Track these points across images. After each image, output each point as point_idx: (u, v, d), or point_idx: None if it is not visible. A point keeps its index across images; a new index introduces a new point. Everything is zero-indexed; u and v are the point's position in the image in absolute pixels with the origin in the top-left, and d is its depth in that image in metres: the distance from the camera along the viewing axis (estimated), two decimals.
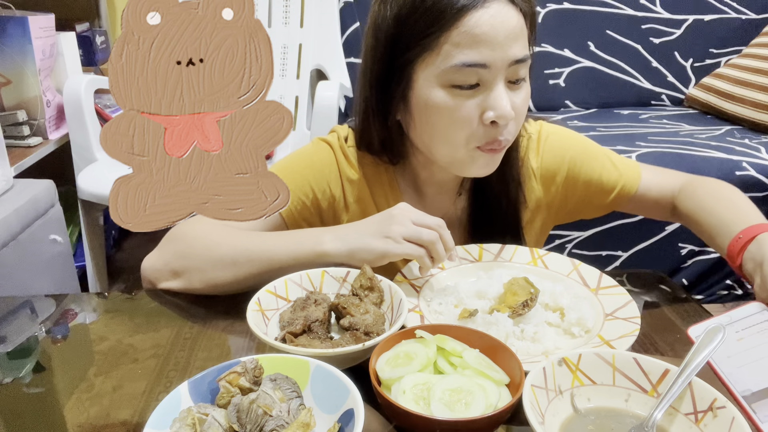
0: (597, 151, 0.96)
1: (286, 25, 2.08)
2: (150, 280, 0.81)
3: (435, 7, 0.73)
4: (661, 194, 0.93)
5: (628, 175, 0.94)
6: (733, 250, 0.73)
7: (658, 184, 0.94)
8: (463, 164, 0.82)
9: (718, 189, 0.88)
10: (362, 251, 0.74)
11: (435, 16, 0.73)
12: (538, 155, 0.94)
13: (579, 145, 0.96)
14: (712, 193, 0.87)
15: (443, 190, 0.93)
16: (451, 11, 0.72)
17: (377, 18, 0.79)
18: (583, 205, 0.97)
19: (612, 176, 0.94)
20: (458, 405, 0.53)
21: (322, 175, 0.89)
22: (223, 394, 0.52)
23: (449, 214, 0.94)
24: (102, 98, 1.97)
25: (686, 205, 0.88)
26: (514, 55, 0.74)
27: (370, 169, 0.90)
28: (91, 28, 2.23)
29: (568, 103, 2.37)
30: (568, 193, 0.95)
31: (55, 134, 1.82)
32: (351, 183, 0.90)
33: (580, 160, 0.94)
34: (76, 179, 1.75)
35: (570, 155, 0.94)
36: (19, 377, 0.65)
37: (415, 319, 0.70)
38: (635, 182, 0.94)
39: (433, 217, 0.76)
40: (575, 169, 0.94)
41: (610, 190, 0.94)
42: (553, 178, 0.94)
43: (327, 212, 0.90)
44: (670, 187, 0.93)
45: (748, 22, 2.35)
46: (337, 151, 0.90)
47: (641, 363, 0.57)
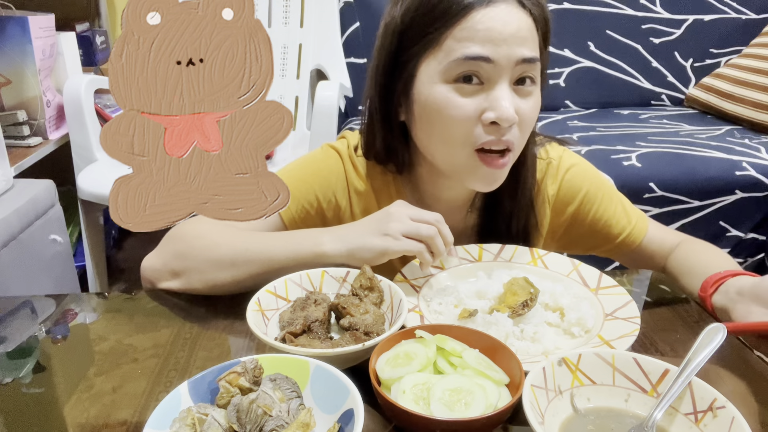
0: (613, 193, 0.95)
1: (286, 25, 2.08)
2: (150, 280, 0.81)
3: (441, 4, 0.73)
4: (660, 249, 0.93)
5: (637, 225, 0.94)
6: (704, 291, 0.77)
7: (660, 239, 0.94)
8: (463, 171, 0.79)
9: (704, 250, 0.90)
10: (362, 250, 0.74)
11: (440, 13, 0.73)
12: (555, 183, 0.92)
13: (597, 182, 0.94)
14: (699, 253, 0.89)
15: (453, 207, 0.90)
16: (457, 8, 0.72)
17: (387, 18, 0.80)
18: (582, 241, 0.96)
19: (621, 222, 0.93)
20: (458, 405, 0.53)
21: (329, 184, 0.88)
22: (222, 394, 0.52)
23: (458, 232, 0.90)
24: (102, 98, 1.97)
25: (674, 265, 0.90)
26: (521, 54, 0.73)
27: (378, 181, 0.89)
28: (91, 28, 2.23)
29: (568, 103, 2.37)
30: (574, 226, 0.94)
31: (55, 134, 1.82)
32: (358, 194, 0.89)
33: (594, 198, 0.93)
34: (76, 179, 1.75)
35: (587, 190, 0.92)
36: (19, 377, 0.65)
37: (415, 319, 0.70)
38: (642, 233, 0.94)
39: (431, 212, 0.76)
40: (587, 206, 0.93)
41: (616, 235, 0.93)
42: (565, 209, 0.93)
43: (332, 222, 0.89)
44: (669, 244, 0.93)
45: (748, 22, 2.35)
46: (346, 160, 0.89)
47: (641, 363, 0.57)
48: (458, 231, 0.91)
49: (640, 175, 1.69)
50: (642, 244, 0.93)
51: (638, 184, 1.68)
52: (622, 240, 0.93)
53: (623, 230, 0.93)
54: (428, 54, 0.76)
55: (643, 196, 1.68)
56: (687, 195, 1.70)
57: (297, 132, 2.06)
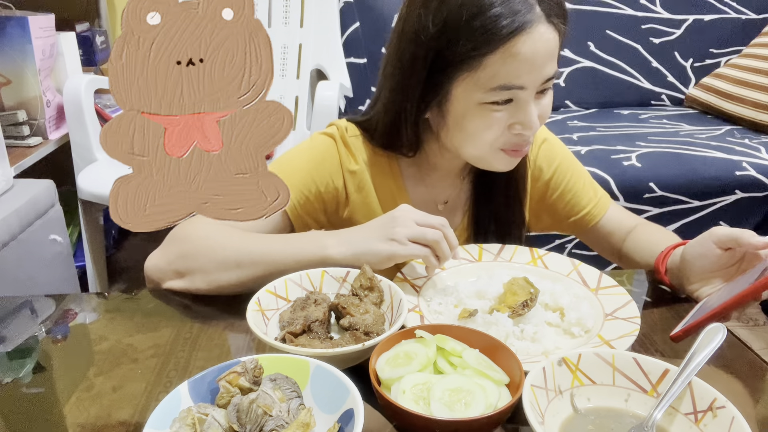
0: (581, 168, 1.01)
1: (286, 25, 2.08)
2: (153, 279, 0.81)
3: (484, 29, 0.74)
4: (618, 229, 0.99)
5: (601, 200, 1.00)
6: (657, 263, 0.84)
7: (618, 219, 0.99)
8: (487, 161, 0.85)
9: (657, 230, 0.97)
10: (368, 255, 0.74)
11: (483, 39, 0.74)
12: (534, 150, 0.97)
13: (569, 156, 1.01)
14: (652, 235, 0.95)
15: (448, 175, 0.95)
16: (500, 35, 0.73)
17: (416, 26, 0.78)
18: (551, 210, 1.01)
19: (588, 194, 0.99)
20: (458, 405, 0.53)
21: (324, 168, 0.90)
22: (222, 394, 0.52)
23: (452, 198, 0.96)
24: (102, 98, 1.97)
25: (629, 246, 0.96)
26: (547, 74, 0.78)
27: (371, 157, 0.91)
28: (91, 28, 2.23)
29: (568, 103, 2.37)
30: (546, 194, 0.99)
31: (55, 134, 1.81)
32: (351, 174, 0.91)
33: (567, 169, 0.99)
34: (76, 179, 1.75)
35: (559, 161, 0.98)
36: (19, 377, 0.65)
37: (415, 319, 0.70)
38: (604, 209, 0.99)
39: (436, 217, 0.77)
40: (560, 176, 0.98)
41: (582, 206, 0.99)
42: (539, 178, 0.98)
43: (330, 205, 0.91)
44: (627, 226, 0.98)
45: (748, 22, 2.35)
46: (339, 142, 0.91)
47: (641, 363, 0.57)
48: (453, 197, 0.97)
49: (640, 175, 1.69)
50: (602, 221, 0.99)
51: (638, 184, 1.68)
52: (587, 212, 0.98)
53: (589, 202, 0.99)
54: (466, 75, 0.77)
55: (643, 196, 1.68)
56: (687, 195, 1.69)
57: (297, 132, 2.06)
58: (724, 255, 0.75)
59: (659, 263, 0.83)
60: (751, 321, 0.76)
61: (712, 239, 0.75)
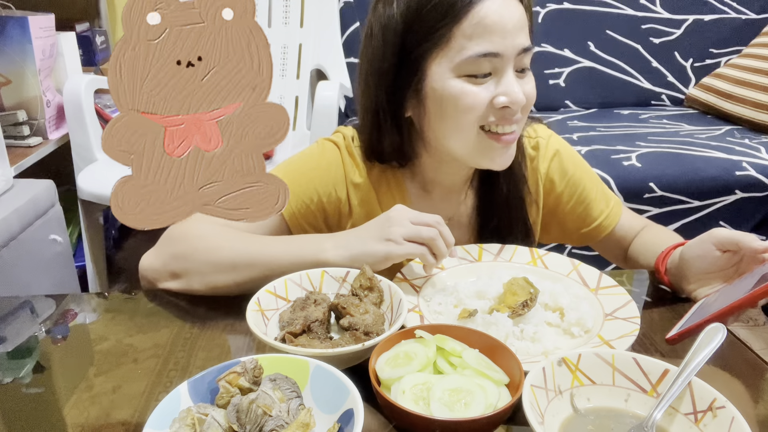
0: (594, 178, 1.00)
1: (286, 25, 2.08)
2: (148, 279, 0.81)
3: (445, 1, 0.75)
4: (628, 233, 0.99)
5: (614, 209, 0.99)
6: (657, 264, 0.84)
7: (629, 224, 0.99)
8: (476, 154, 0.83)
9: (660, 231, 0.97)
10: (364, 256, 0.74)
11: (445, 10, 0.76)
12: (545, 162, 0.95)
13: (583, 166, 0.99)
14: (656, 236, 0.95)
15: (451, 190, 0.94)
16: (462, 3, 0.75)
17: (382, 18, 0.80)
18: (559, 225, 1.00)
19: (600, 205, 0.98)
20: (458, 405, 0.53)
21: (329, 178, 0.89)
22: (222, 394, 0.52)
23: (458, 214, 0.95)
24: (102, 98, 1.97)
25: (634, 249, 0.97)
26: (521, 43, 0.78)
27: (376, 171, 0.90)
28: (91, 28, 2.23)
29: (568, 103, 2.37)
30: (559, 207, 0.98)
31: (55, 134, 1.82)
32: (356, 186, 0.90)
33: (580, 180, 0.97)
34: (76, 179, 1.75)
35: (572, 172, 0.97)
36: (19, 377, 0.65)
37: (415, 319, 0.70)
38: (617, 217, 0.99)
39: (431, 215, 0.76)
40: (573, 188, 0.97)
41: (594, 218, 0.98)
42: (551, 191, 0.97)
43: (332, 216, 0.90)
44: (635, 229, 0.99)
45: (748, 22, 2.35)
46: (344, 151, 0.90)
47: (641, 363, 0.57)
48: (458, 213, 0.95)
49: (640, 175, 1.69)
50: (615, 228, 0.98)
51: (638, 184, 1.68)
52: (598, 223, 0.98)
53: (600, 214, 0.98)
54: (437, 51, 0.78)
55: (643, 196, 1.68)
56: (687, 195, 1.69)
57: (297, 132, 2.06)
58: (723, 257, 0.75)
59: (659, 263, 0.83)
60: (751, 321, 0.76)
61: (712, 241, 0.75)
